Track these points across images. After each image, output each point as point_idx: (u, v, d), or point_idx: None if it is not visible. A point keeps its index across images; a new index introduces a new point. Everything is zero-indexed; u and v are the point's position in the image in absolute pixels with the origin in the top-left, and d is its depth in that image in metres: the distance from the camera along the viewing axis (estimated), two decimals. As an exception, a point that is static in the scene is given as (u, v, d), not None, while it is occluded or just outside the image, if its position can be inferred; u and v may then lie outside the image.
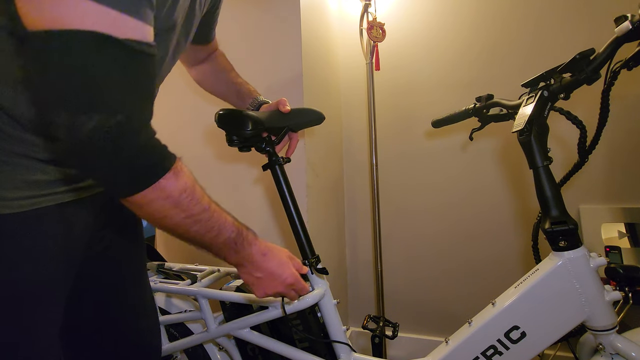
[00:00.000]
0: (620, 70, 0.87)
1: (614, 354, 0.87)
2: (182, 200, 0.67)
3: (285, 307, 1.04)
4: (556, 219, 0.90)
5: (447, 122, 1.29)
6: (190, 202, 0.68)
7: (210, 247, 0.80)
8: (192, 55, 1.25)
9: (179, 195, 0.66)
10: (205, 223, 0.73)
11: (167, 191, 0.64)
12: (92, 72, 0.52)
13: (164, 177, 0.63)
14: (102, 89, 0.54)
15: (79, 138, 0.54)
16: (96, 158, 0.57)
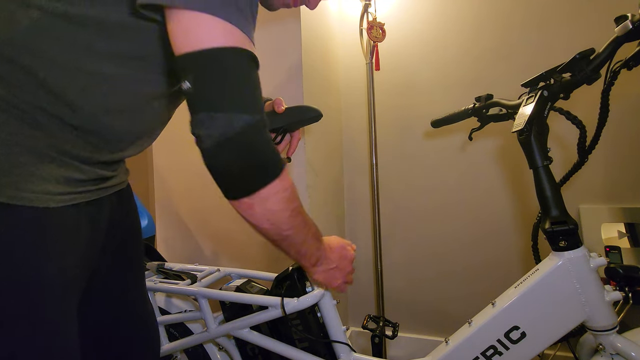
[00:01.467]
0: (620, 70, 0.87)
1: (614, 354, 0.87)
2: (292, 192, 0.76)
3: (285, 307, 1.04)
4: (556, 219, 0.90)
5: (447, 122, 1.29)
6: (295, 195, 0.77)
7: (303, 244, 0.86)
8: None
9: (290, 187, 0.74)
10: (304, 216, 0.82)
11: (285, 182, 0.73)
12: (243, 78, 0.66)
13: (284, 169, 0.72)
14: (248, 92, 0.67)
15: (234, 132, 0.64)
16: (246, 149, 0.67)
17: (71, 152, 0.70)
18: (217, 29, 0.62)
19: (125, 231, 0.96)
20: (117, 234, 0.91)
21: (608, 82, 0.90)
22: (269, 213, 0.73)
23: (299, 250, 0.86)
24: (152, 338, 1.03)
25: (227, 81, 0.64)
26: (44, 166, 0.67)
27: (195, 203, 1.91)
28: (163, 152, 1.94)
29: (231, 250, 1.85)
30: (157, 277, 1.30)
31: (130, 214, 0.99)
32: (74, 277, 0.74)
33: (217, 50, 0.62)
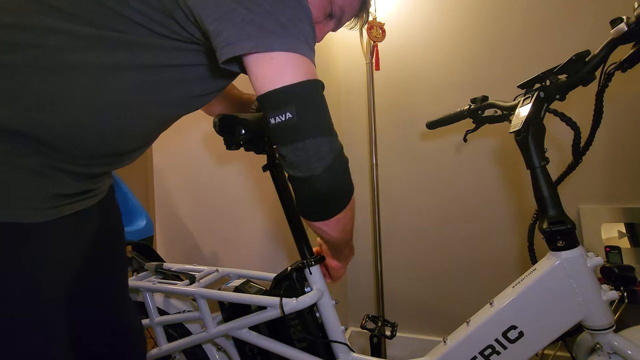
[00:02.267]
0: (614, 72, 0.88)
1: (612, 353, 0.87)
2: (354, 206, 0.84)
3: (283, 307, 1.04)
4: (554, 218, 0.90)
5: (442, 124, 1.29)
6: (353, 206, 0.84)
7: (348, 245, 0.97)
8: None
9: (354, 205, 0.83)
10: (353, 215, 0.87)
11: (353, 202, 0.82)
12: (325, 105, 0.74)
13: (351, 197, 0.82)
14: (329, 117, 0.75)
15: (338, 153, 0.74)
16: (344, 168, 0.78)
17: (62, 167, 0.70)
18: (302, 65, 0.70)
19: (111, 236, 0.97)
20: (103, 239, 0.92)
21: (602, 84, 0.91)
22: (344, 226, 0.82)
23: (349, 245, 0.97)
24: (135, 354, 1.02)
25: (319, 109, 0.72)
26: (33, 181, 0.67)
27: (194, 203, 1.91)
28: (163, 152, 1.94)
29: (230, 250, 1.85)
30: (156, 277, 1.30)
31: (112, 218, 0.99)
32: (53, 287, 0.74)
33: (306, 83, 0.70)
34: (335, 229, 0.82)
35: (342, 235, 0.86)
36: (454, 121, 1.26)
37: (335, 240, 0.86)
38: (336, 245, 0.93)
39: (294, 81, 0.68)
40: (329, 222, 0.79)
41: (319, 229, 0.82)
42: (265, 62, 0.67)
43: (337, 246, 0.95)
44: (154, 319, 1.24)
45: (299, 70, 0.69)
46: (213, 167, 1.85)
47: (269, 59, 0.66)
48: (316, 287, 1.08)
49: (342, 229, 0.83)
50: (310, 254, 1.10)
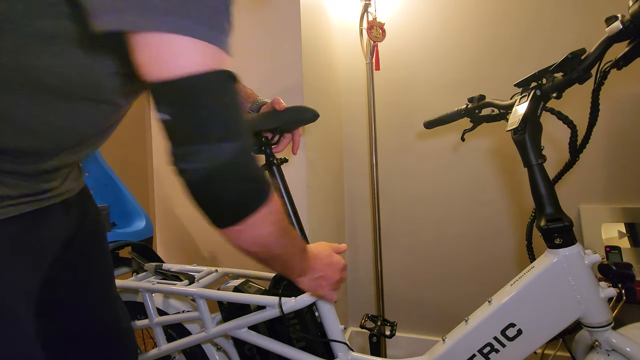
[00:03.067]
0: (610, 70, 0.88)
1: (610, 350, 0.87)
2: (280, 213, 0.73)
3: (282, 306, 1.04)
4: (551, 216, 0.90)
5: (440, 123, 1.29)
6: (282, 215, 0.74)
7: (290, 260, 0.85)
8: None
9: (278, 208, 0.72)
10: (290, 233, 0.79)
11: (273, 204, 0.69)
12: (224, 103, 0.60)
13: (272, 192, 0.69)
14: (231, 117, 0.61)
15: (223, 163, 0.60)
16: (236, 178, 0.63)
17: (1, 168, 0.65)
18: (193, 52, 0.55)
19: (84, 239, 0.91)
20: (71, 242, 0.86)
21: (598, 82, 0.91)
22: (258, 237, 0.71)
23: (284, 265, 0.85)
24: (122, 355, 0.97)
25: (208, 109, 0.59)
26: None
27: (195, 204, 1.91)
28: (162, 153, 1.95)
29: (229, 250, 1.85)
30: (155, 277, 1.31)
31: (87, 219, 0.92)
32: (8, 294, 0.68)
33: (195, 78, 0.55)
34: (242, 241, 0.71)
35: (260, 250, 0.74)
36: (452, 121, 1.26)
37: (253, 254, 0.75)
38: (263, 260, 0.80)
39: (179, 74, 0.55)
40: (229, 231, 0.68)
41: (223, 236, 0.70)
42: (149, 45, 0.54)
43: (265, 262, 0.81)
44: (153, 319, 1.24)
45: (193, 60, 0.55)
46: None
47: (157, 41, 0.53)
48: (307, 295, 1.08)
49: (255, 242, 0.72)
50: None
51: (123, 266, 1.42)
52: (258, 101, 1.19)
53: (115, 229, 1.47)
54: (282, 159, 1.13)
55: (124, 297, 1.30)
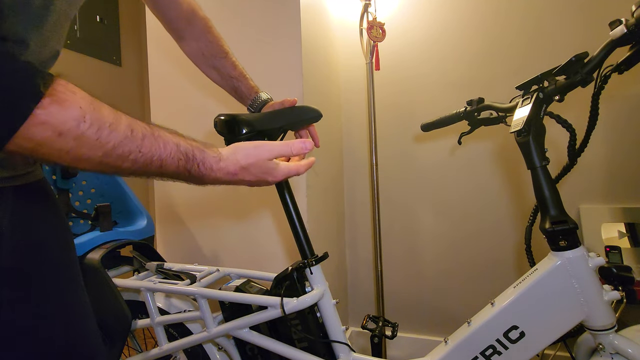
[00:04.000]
0: (611, 74, 0.88)
1: (614, 353, 0.87)
2: (86, 134, 0.50)
3: (284, 307, 1.04)
4: (556, 218, 0.90)
5: (437, 126, 1.28)
6: (99, 134, 0.51)
7: (164, 177, 0.63)
8: (168, 20, 1.13)
9: (76, 128, 0.49)
10: (138, 156, 0.56)
11: (53, 124, 0.47)
12: None
13: (39, 106, 0.46)
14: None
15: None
16: None
17: None
18: None
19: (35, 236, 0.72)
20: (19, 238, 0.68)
21: (598, 86, 0.91)
22: (63, 161, 0.51)
23: (161, 177, 0.63)
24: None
25: None
26: None
27: (195, 203, 1.91)
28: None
29: (230, 250, 1.85)
30: (157, 277, 1.30)
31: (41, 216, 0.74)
32: None
33: None
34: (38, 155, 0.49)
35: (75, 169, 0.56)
36: (450, 123, 1.25)
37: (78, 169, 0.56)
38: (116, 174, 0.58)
39: None
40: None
41: None
42: None
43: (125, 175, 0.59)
44: (154, 319, 1.24)
45: None
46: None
47: None
48: (317, 287, 1.08)
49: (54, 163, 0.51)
50: (311, 254, 1.10)
51: (124, 265, 1.42)
52: (259, 99, 1.17)
53: (116, 227, 1.47)
54: None
55: (125, 296, 1.29)
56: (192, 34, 1.16)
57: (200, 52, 1.18)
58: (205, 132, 1.85)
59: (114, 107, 0.54)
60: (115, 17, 3.08)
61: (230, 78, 1.18)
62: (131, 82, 3.21)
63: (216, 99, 1.80)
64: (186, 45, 1.20)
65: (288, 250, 1.75)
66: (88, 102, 0.50)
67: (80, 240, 1.30)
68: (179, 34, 1.18)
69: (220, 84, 1.22)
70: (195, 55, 1.20)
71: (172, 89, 1.91)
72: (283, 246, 1.76)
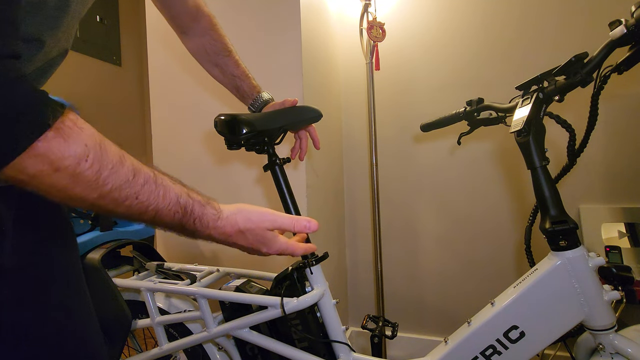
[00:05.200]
0: (610, 74, 0.88)
1: (614, 353, 0.87)
2: (84, 173, 0.48)
3: (284, 307, 1.04)
4: (556, 218, 0.90)
5: (437, 126, 1.28)
6: (99, 174, 0.49)
7: (154, 226, 0.61)
8: (173, 16, 1.13)
9: (76, 166, 0.47)
10: (134, 203, 0.54)
11: (51, 159, 0.45)
12: None
13: (42, 139, 0.44)
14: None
15: None
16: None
17: None
18: None
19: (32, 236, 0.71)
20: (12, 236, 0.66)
21: (598, 87, 0.91)
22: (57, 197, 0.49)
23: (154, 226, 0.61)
24: None
25: None
26: None
27: (195, 203, 1.91)
28: (163, 152, 1.94)
29: (230, 250, 1.85)
30: (157, 277, 1.30)
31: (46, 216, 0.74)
32: None
33: None
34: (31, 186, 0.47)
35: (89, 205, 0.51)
36: (449, 124, 1.25)
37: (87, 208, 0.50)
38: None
39: None
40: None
41: None
42: None
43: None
44: (154, 319, 1.24)
45: None
46: (214, 166, 1.85)
47: None
48: (317, 286, 1.08)
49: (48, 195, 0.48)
50: (311, 254, 1.10)
51: (125, 265, 1.42)
52: (261, 99, 1.17)
53: (116, 227, 1.47)
54: (284, 158, 1.12)
55: (125, 296, 1.29)
56: (196, 31, 1.16)
57: (204, 49, 1.17)
58: (205, 132, 1.85)
59: (121, 146, 0.53)
60: (115, 17, 3.09)
61: (232, 77, 1.18)
62: (131, 82, 3.21)
63: (216, 99, 1.80)
64: (189, 41, 1.19)
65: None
66: (95, 141, 0.49)
67: (81, 240, 1.30)
68: (182, 29, 1.17)
69: (222, 81, 1.22)
70: (198, 52, 1.19)
71: (172, 89, 1.91)
72: (283, 246, 1.75)
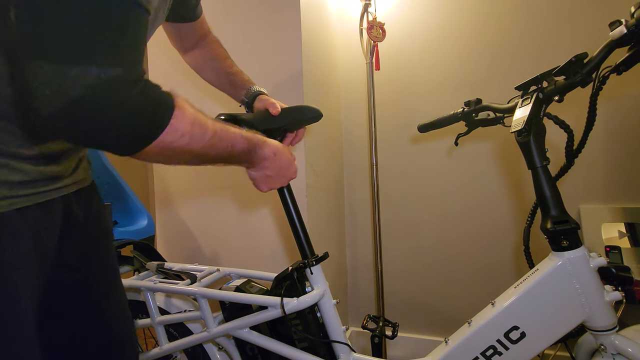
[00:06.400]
0: (609, 75, 0.88)
1: (616, 353, 0.87)
2: (195, 133, 0.68)
3: (284, 307, 1.04)
4: (557, 218, 0.90)
5: (435, 127, 1.28)
6: (202, 131, 0.70)
7: (229, 161, 0.84)
8: (182, 37, 1.20)
9: (191, 129, 0.67)
10: (220, 144, 0.76)
11: (180, 129, 0.65)
12: (92, 21, 0.52)
13: (174, 117, 0.63)
14: (101, 40, 0.53)
15: (79, 91, 0.51)
16: (99, 112, 0.54)
17: (10, 151, 0.62)
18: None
19: (88, 235, 0.85)
20: (77, 238, 0.82)
21: (596, 87, 0.91)
22: (174, 159, 0.69)
23: (227, 161, 0.84)
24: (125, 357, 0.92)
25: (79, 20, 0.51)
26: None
27: (195, 203, 1.91)
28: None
29: (231, 250, 1.85)
30: (157, 277, 1.30)
31: (93, 215, 0.87)
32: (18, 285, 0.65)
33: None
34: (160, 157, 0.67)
35: (188, 161, 0.73)
36: (447, 124, 1.25)
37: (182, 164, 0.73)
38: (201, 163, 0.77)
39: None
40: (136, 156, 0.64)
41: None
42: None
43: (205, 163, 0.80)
44: (155, 319, 1.24)
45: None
46: (213, 166, 1.85)
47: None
48: (317, 287, 1.08)
49: (176, 161, 0.71)
50: (311, 254, 1.10)
51: (125, 265, 1.42)
52: (252, 90, 1.19)
53: (117, 227, 1.47)
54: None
55: (125, 297, 1.30)
56: (199, 49, 1.24)
57: (202, 58, 1.24)
58: (205, 132, 1.85)
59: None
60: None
61: (226, 74, 1.23)
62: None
63: (216, 100, 1.80)
64: (189, 57, 1.26)
65: (288, 250, 1.75)
66: (193, 108, 0.70)
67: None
68: (186, 49, 1.25)
69: (215, 81, 1.26)
70: (196, 63, 1.26)
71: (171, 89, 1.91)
72: (283, 246, 1.76)
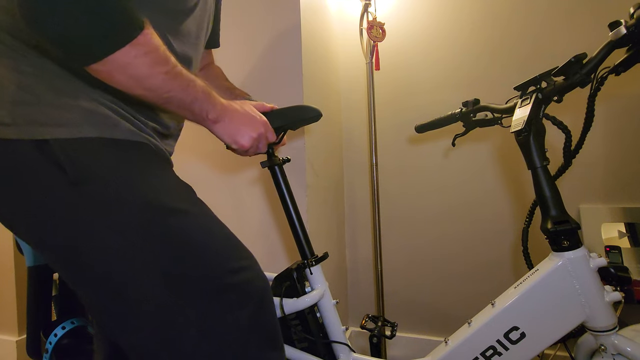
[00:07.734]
0: (607, 75, 0.88)
1: (616, 354, 0.87)
2: (160, 56, 0.66)
3: (284, 307, 1.04)
4: (557, 218, 0.89)
5: (432, 127, 1.28)
6: (165, 57, 0.68)
7: (193, 103, 0.78)
8: None
9: (157, 50, 0.66)
10: (181, 77, 0.72)
11: (149, 45, 0.64)
12: None
13: (145, 32, 0.63)
14: None
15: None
16: (83, 9, 0.55)
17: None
18: None
19: None
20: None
21: (595, 88, 0.91)
22: (135, 79, 0.65)
23: (189, 109, 0.79)
24: None
25: None
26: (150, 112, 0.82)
27: (195, 203, 1.90)
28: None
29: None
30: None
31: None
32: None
33: None
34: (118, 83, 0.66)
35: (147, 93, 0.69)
36: (445, 124, 1.25)
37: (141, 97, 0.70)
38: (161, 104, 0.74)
39: None
40: (95, 71, 0.63)
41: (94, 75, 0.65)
42: None
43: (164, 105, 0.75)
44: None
45: None
46: (213, 166, 1.85)
47: None
48: (317, 287, 1.08)
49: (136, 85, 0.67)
50: (311, 254, 1.10)
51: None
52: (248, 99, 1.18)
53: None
54: (285, 158, 1.12)
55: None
56: (204, 71, 1.28)
57: (205, 76, 1.27)
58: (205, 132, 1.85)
59: None
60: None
61: (226, 89, 1.24)
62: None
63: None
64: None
65: (288, 250, 1.74)
66: (156, 42, 0.66)
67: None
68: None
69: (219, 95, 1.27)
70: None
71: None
72: (283, 246, 1.75)
